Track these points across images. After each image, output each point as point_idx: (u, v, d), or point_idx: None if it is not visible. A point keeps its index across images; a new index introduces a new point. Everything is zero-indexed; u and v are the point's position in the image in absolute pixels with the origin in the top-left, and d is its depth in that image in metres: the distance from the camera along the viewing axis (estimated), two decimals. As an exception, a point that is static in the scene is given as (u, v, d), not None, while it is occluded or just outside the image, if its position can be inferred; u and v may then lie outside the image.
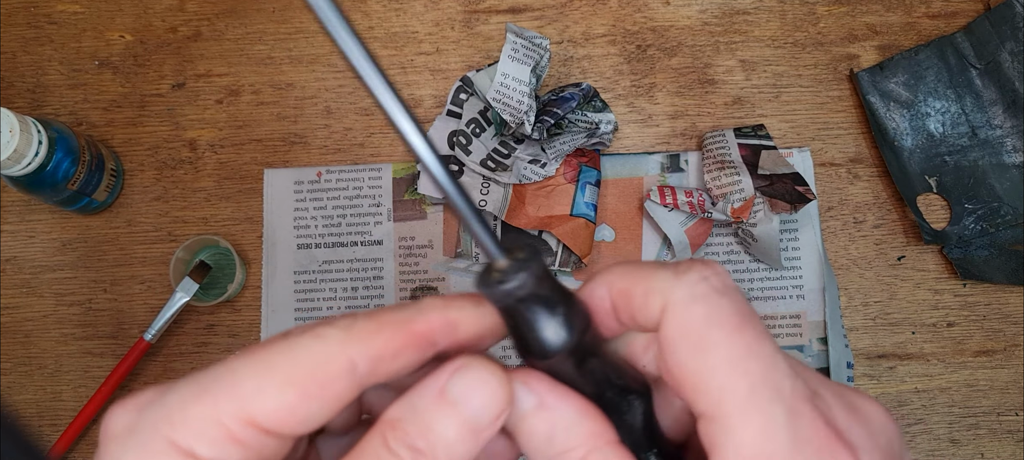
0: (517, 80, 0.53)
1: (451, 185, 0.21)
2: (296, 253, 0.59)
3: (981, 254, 0.57)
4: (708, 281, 0.21)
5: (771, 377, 0.20)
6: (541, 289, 0.21)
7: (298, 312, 0.58)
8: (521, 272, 0.21)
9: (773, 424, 0.19)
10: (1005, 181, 0.58)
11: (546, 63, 0.56)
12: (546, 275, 0.21)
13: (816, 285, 0.57)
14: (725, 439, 0.20)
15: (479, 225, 0.21)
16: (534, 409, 0.22)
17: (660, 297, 0.21)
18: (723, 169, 0.56)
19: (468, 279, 0.58)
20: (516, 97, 0.54)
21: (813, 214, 0.58)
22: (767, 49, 0.60)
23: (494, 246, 0.21)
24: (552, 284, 0.22)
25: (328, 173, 0.59)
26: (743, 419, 0.19)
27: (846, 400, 0.21)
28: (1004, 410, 0.56)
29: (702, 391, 0.20)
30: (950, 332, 0.57)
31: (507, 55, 0.53)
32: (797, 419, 0.19)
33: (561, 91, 0.57)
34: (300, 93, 0.61)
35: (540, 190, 0.57)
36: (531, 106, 0.54)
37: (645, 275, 0.22)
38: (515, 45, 0.54)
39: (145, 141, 0.60)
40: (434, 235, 0.59)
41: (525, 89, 0.53)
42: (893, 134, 0.59)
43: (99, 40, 0.61)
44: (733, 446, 0.19)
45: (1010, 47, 0.58)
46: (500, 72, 0.53)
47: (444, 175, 0.21)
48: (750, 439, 0.19)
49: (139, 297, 0.59)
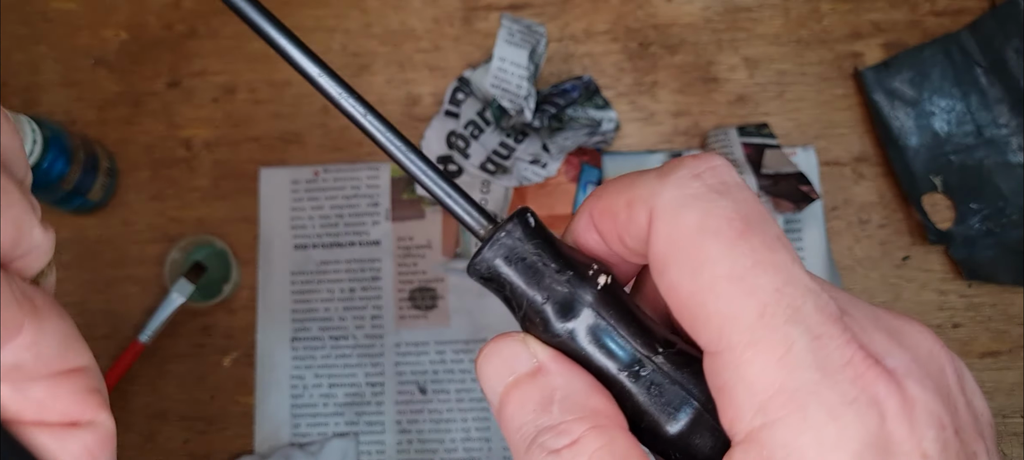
0: (515, 64, 0.53)
1: (399, 146, 0.19)
2: (293, 254, 0.58)
3: (986, 254, 0.57)
4: (701, 178, 0.17)
5: (787, 293, 0.16)
6: (526, 253, 0.19)
7: (295, 313, 0.58)
8: (495, 239, 0.19)
9: (793, 352, 0.15)
10: (1010, 180, 0.57)
11: (544, 49, 0.55)
12: (531, 236, 0.19)
13: None
14: (734, 378, 0.16)
15: (448, 190, 0.19)
16: (529, 373, 0.19)
17: (645, 206, 0.17)
18: None
19: (468, 279, 0.57)
20: (515, 82, 0.53)
21: (818, 213, 0.57)
22: (771, 46, 0.60)
23: (467, 213, 0.19)
24: (541, 244, 0.19)
25: (325, 172, 0.59)
26: (754, 350, 0.15)
27: (884, 322, 0.17)
28: (1009, 412, 0.56)
29: (702, 320, 0.16)
30: (955, 333, 0.56)
31: (503, 39, 0.52)
32: (824, 343, 0.15)
33: (562, 84, 0.57)
34: (297, 91, 0.60)
35: (542, 189, 0.56)
36: (530, 92, 0.53)
37: (627, 184, 0.18)
38: (511, 30, 0.53)
39: (140, 140, 0.60)
40: (433, 235, 0.58)
41: (523, 73, 0.52)
42: (898, 133, 0.58)
43: (94, 38, 0.61)
44: (745, 384, 0.16)
45: (1015, 45, 0.57)
46: (497, 57, 0.53)
47: (394, 138, 0.19)
48: (764, 373, 0.15)
49: (134, 298, 0.58)
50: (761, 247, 0.16)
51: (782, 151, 0.55)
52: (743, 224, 0.16)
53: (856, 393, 0.15)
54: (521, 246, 0.19)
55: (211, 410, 0.57)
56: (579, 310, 0.19)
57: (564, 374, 0.19)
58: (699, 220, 0.16)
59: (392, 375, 0.57)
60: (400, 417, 0.56)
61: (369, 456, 0.56)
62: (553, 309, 0.19)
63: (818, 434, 0.15)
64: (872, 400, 0.15)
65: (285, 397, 0.57)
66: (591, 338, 0.19)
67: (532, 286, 0.19)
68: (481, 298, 0.57)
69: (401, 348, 0.57)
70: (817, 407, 0.15)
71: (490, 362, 0.19)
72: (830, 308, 0.16)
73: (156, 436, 0.57)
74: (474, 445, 0.56)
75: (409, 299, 0.57)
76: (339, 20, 0.60)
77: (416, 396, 0.56)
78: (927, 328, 0.17)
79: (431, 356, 0.57)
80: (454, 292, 0.57)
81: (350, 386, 0.57)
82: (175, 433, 0.57)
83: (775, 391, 0.15)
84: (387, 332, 0.57)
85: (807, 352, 0.15)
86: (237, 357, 0.57)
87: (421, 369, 0.57)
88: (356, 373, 0.57)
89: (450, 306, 0.57)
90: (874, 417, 0.15)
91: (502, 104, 0.54)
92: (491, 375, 0.19)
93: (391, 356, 0.57)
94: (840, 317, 0.16)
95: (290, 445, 0.56)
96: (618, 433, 0.18)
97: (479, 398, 0.56)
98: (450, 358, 0.57)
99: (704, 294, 0.16)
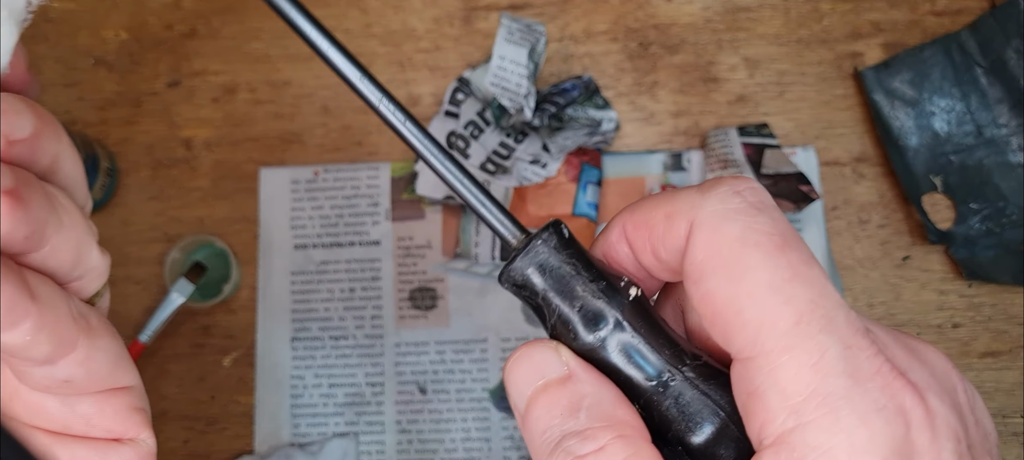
0: (514, 62, 0.53)
1: (444, 161, 0.19)
2: (293, 253, 0.58)
3: (987, 254, 0.57)
4: (742, 195, 0.18)
5: (821, 305, 0.16)
6: (559, 263, 0.19)
7: (295, 313, 0.58)
8: (529, 248, 0.19)
9: (826, 359, 0.16)
10: (1011, 180, 0.57)
11: (543, 48, 0.55)
12: (564, 247, 0.19)
13: None
14: (768, 381, 0.17)
15: (483, 200, 0.20)
16: (559, 379, 0.19)
17: (685, 219, 0.18)
18: (726, 168, 0.55)
19: (468, 279, 0.57)
20: (515, 80, 0.53)
21: (818, 213, 0.57)
22: (771, 46, 0.60)
23: (501, 223, 0.20)
24: (573, 255, 0.19)
25: (325, 172, 0.59)
26: (790, 354, 0.16)
27: (902, 341, 0.18)
28: (1009, 412, 0.55)
29: (738, 326, 0.17)
30: (956, 333, 0.56)
31: (503, 38, 0.53)
32: (854, 353, 0.16)
33: (561, 84, 0.57)
34: (297, 91, 0.60)
35: (542, 189, 0.56)
36: (530, 90, 0.53)
37: (665, 198, 0.19)
38: (510, 29, 0.53)
39: (140, 140, 0.60)
40: (433, 235, 0.58)
41: (523, 71, 0.53)
42: (898, 133, 0.58)
43: (94, 38, 0.61)
44: (778, 389, 0.16)
45: (1015, 45, 0.57)
46: (497, 55, 0.53)
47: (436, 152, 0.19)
48: (799, 377, 0.16)
49: (134, 298, 0.58)
50: (798, 262, 0.17)
51: (782, 151, 0.55)
52: (781, 239, 0.17)
53: (885, 401, 0.16)
54: (554, 256, 0.20)
55: (211, 410, 0.57)
56: (610, 321, 0.19)
57: (593, 383, 0.19)
58: (741, 232, 0.17)
59: (392, 375, 0.57)
60: (400, 417, 0.56)
61: (369, 456, 0.56)
62: (584, 319, 0.19)
63: (849, 437, 0.16)
64: (899, 409, 0.16)
65: (285, 397, 0.57)
66: (621, 349, 0.19)
67: (564, 295, 0.20)
68: (481, 298, 0.57)
69: (401, 348, 0.57)
70: (849, 411, 0.16)
71: (520, 366, 0.20)
72: (858, 323, 0.17)
73: (156, 436, 0.57)
74: (474, 445, 0.56)
75: (409, 299, 0.57)
76: (339, 20, 0.61)
77: (416, 396, 0.56)
78: (940, 350, 0.19)
79: (431, 356, 0.57)
80: (454, 292, 0.57)
81: (350, 386, 0.57)
82: (175, 433, 0.57)
83: (808, 394, 0.16)
84: (387, 332, 0.57)
85: (839, 360, 0.16)
86: (237, 357, 0.57)
87: (421, 369, 0.57)
88: (356, 373, 0.57)
89: (450, 306, 0.57)
90: (900, 425, 0.16)
91: (502, 102, 0.54)
92: (520, 379, 0.20)
93: (391, 356, 0.57)
94: (867, 331, 0.17)
95: (290, 445, 0.56)
96: (643, 444, 0.18)
97: (479, 398, 0.56)
98: (450, 358, 0.57)
99: (743, 300, 0.17)
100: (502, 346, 0.57)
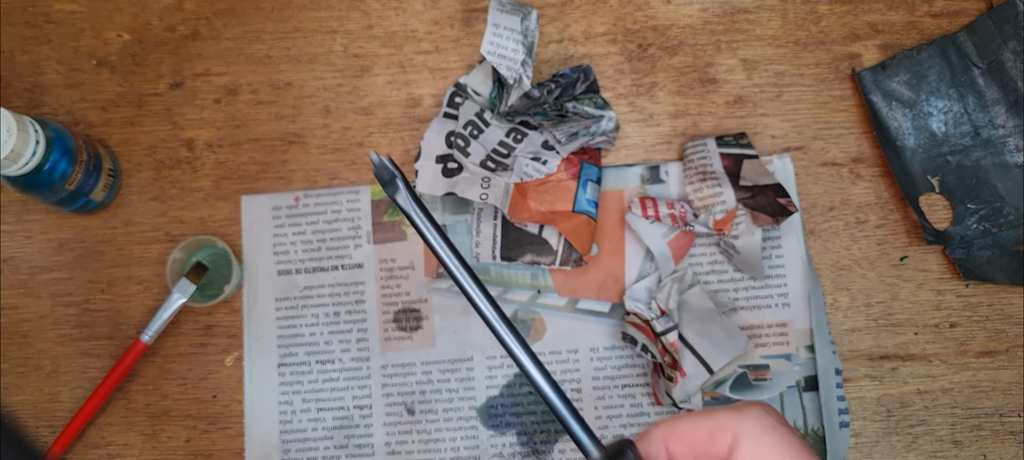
0: (509, 30, 0.52)
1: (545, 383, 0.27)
2: (276, 280, 0.58)
3: (984, 255, 0.57)
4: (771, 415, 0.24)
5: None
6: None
7: (281, 340, 0.58)
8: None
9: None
10: (1008, 181, 0.57)
11: (535, 26, 0.54)
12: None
13: (801, 292, 0.57)
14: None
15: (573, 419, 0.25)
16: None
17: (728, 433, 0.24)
18: (705, 181, 0.55)
19: (452, 299, 0.57)
20: (510, 46, 0.52)
21: (796, 220, 0.57)
22: (768, 48, 0.60)
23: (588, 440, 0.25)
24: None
25: (305, 198, 0.59)
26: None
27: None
28: (1007, 411, 0.56)
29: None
30: (953, 333, 0.57)
31: (494, 8, 0.52)
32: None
33: (560, 71, 0.57)
34: (298, 92, 0.60)
35: (542, 186, 0.56)
36: (527, 59, 0.52)
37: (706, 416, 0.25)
38: (501, 3, 0.53)
39: (143, 141, 0.60)
40: (415, 256, 0.58)
41: (518, 36, 0.52)
42: (895, 134, 0.58)
43: (97, 39, 0.61)
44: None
45: (1012, 46, 0.57)
46: (491, 24, 0.52)
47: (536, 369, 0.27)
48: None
49: (136, 298, 0.58)
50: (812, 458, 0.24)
51: (759, 161, 0.55)
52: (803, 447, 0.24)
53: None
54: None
55: (213, 409, 0.57)
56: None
57: None
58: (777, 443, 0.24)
59: (379, 397, 0.57)
60: (389, 438, 0.56)
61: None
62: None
63: None
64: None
65: (274, 423, 0.57)
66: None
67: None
68: (466, 317, 0.57)
69: (388, 369, 0.57)
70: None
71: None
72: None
73: (158, 435, 0.57)
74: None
75: (394, 320, 0.58)
76: (340, 22, 0.61)
77: (404, 417, 0.57)
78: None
79: (418, 376, 0.57)
80: (439, 312, 0.57)
81: (338, 410, 0.57)
82: (177, 432, 0.57)
83: None
84: (373, 354, 0.57)
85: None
86: (239, 356, 0.58)
87: (408, 390, 0.57)
88: (344, 396, 0.57)
89: (435, 326, 0.57)
90: None
91: (499, 71, 0.53)
92: None
93: (378, 378, 0.57)
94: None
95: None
96: None
97: (467, 416, 0.56)
98: (437, 378, 0.57)
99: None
100: (488, 364, 0.57)
